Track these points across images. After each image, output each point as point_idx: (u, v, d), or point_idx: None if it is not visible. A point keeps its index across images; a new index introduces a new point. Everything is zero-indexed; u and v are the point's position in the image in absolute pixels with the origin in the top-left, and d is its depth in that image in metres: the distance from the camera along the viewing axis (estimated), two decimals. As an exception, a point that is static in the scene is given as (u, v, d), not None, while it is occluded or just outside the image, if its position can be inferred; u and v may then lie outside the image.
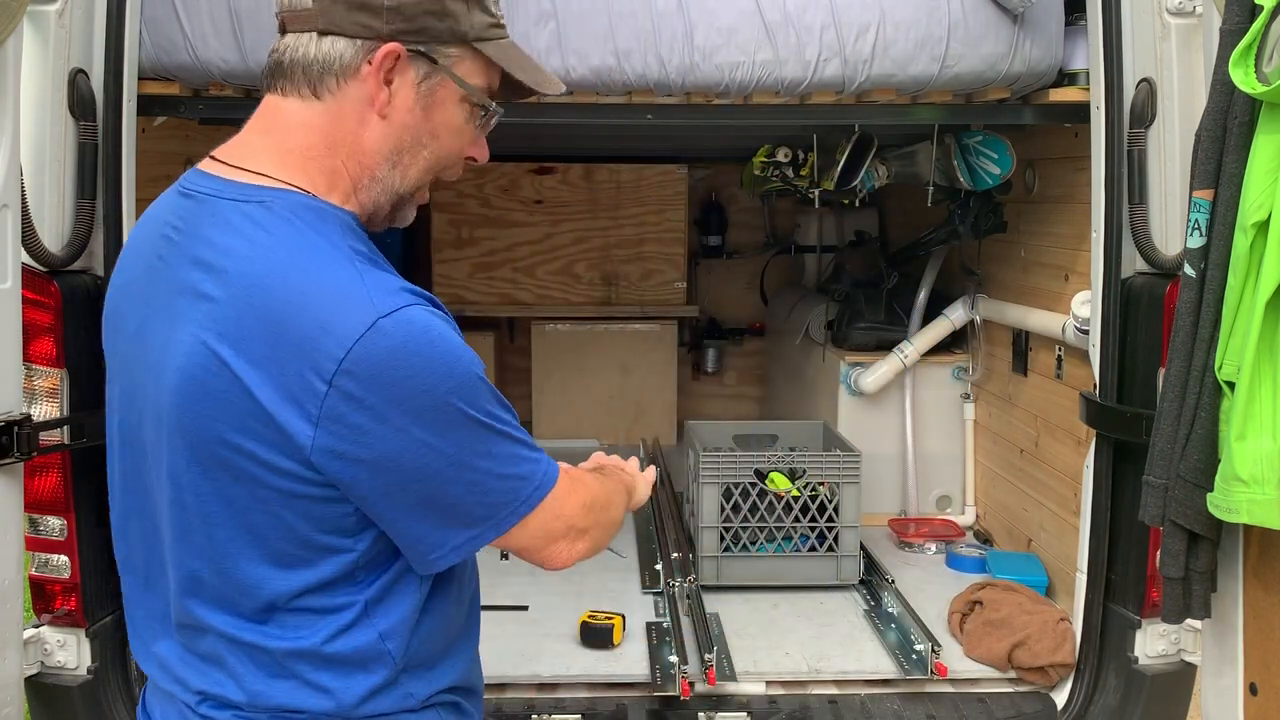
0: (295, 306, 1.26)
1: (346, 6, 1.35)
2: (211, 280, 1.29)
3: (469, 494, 1.36)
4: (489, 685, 2.76)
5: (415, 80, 1.39)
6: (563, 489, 1.47)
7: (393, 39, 1.36)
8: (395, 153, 1.41)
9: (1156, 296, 2.48)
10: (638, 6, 2.65)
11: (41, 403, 2.36)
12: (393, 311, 1.26)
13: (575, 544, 1.51)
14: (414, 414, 1.28)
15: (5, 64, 1.97)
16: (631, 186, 5.42)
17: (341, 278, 1.28)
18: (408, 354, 1.26)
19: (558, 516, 1.46)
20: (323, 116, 1.38)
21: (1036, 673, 2.77)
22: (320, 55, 1.36)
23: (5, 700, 2.06)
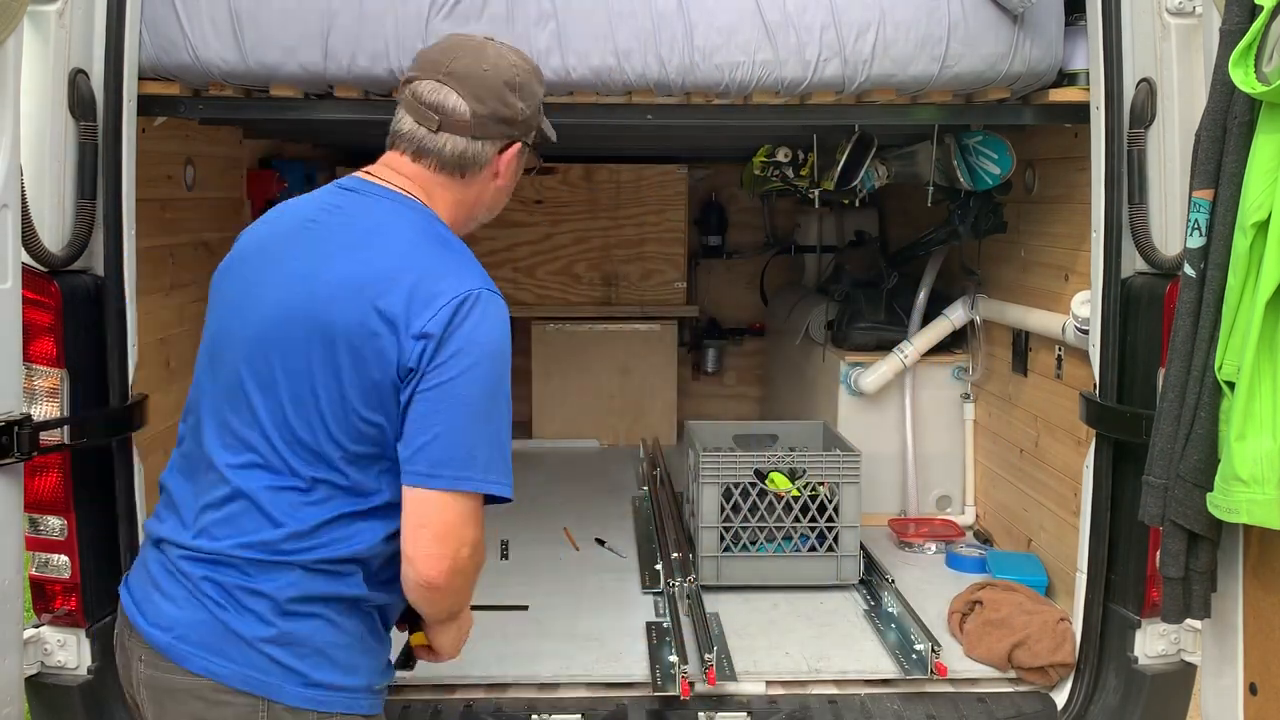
0: (435, 261, 1.78)
1: (497, 122, 1.88)
2: (384, 229, 1.81)
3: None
4: (489, 685, 2.77)
5: (516, 155, 1.95)
6: (483, 522, 1.76)
7: (518, 140, 1.94)
8: (494, 204, 1.99)
9: (1156, 296, 2.48)
10: (638, 6, 2.65)
11: (41, 403, 2.35)
12: (492, 291, 1.77)
13: (455, 566, 1.73)
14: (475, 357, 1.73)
15: (5, 64, 1.97)
16: (631, 186, 5.42)
17: (460, 258, 1.81)
18: (488, 318, 1.74)
19: (460, 534, 1.73)
20: (460, 185, 1.91)
21: (1036, 673, 2.77)
22: (473, 153, 1.89)
23: (5, 700, 2.06)
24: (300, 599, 1.74)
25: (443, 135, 1.86)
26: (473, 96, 1.85)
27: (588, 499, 4.39)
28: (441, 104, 1.85)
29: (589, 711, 2.67)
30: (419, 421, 1.71)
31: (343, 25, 2.60)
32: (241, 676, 1.71)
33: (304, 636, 1.74)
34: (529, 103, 1.92)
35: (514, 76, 1.89)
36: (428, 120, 1.86)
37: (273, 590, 1.73)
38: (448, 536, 1.71)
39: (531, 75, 1.95)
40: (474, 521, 1.73)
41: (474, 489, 1.72)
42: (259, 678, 1.72)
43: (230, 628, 1.72)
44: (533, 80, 1.94)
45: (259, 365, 1.77)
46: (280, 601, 1.73)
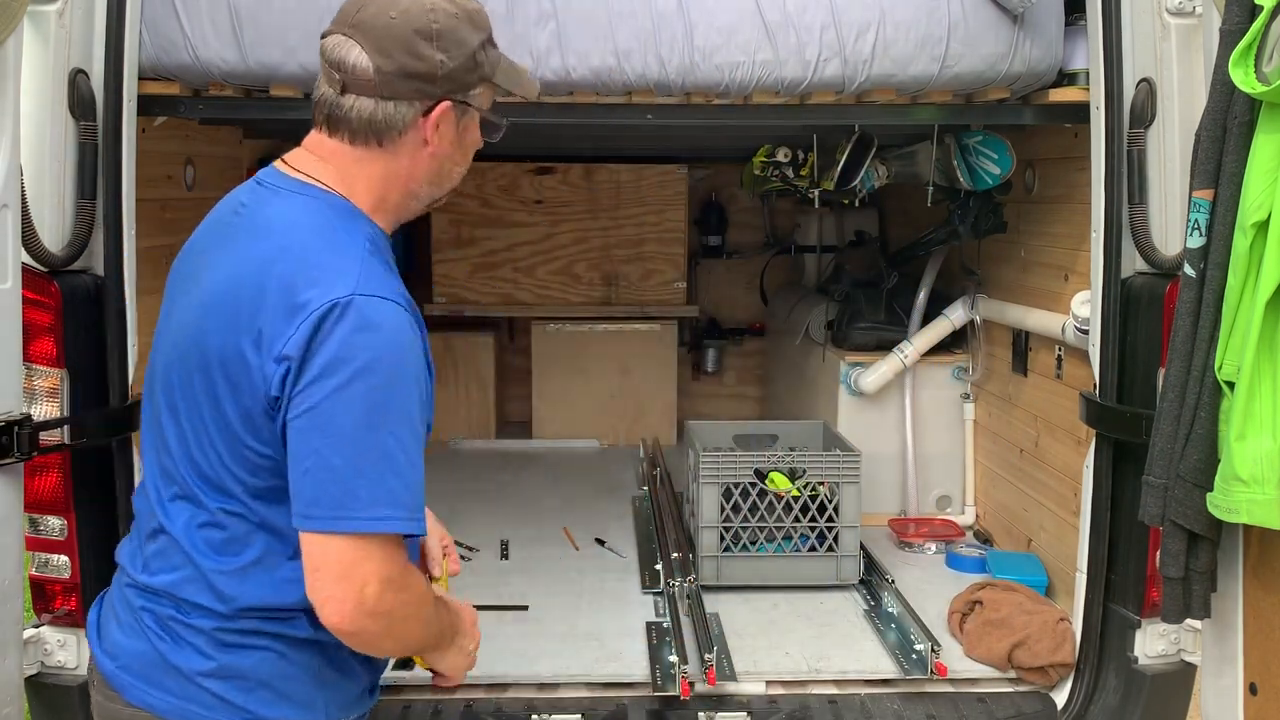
0: (308, 266, 1.54)
1: (405, 78, 1.62)
2: (266, 230, 1.62)
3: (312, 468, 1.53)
4: (489, 685, 2.77)
5: (455, 120, 1.69)
6: (393, 554, 1.55)
7: (443, 99, 1.65)
8: (436, 176, 1.73)
9: (1156, 296, 2.48)
10: (638, 6, 2.65)
11: (41, 403, 2.35)
12: (369, 295, 1.52)
13: (366, 608, 1.53)
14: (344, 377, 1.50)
15: (5, 64, 1.97)
16: (631, 186, 5.42)
17: (340, 256, 1.56)
18: (361, 329, 1.50)
19: (361, 573, 1.52)
20: (381, 157, 1.66)
21: (1036, 673, 2.77)
22: (384, 116, 1.63)
23: (5, 700, 2.06)
24: (241, 632, 1.61)
25: (348, 97, 1.62)
26: (376, 50, 1.59)
27: (588, 499, 4.39)
28: (343, 60, 1.61)
29: (589, 711, 2.67)
30: (291, 456, 1.52)
31: (343, 25, 2.59)
32: (180, 710, 1.60)
33: (247, 669, 1.61)
34: (453, 54, 1.63)
35: (429, 23, 1.61)
36: (332, 81, 1.63)
37: (209, 627, 1.61)
38: (346, 577, 1.51)
39: (459, 20, 1.64)
40: (378, 557, 1.52)
41: (353, 530, 1.50)
42: (200, 713, 1.60)
43: (169, 660, 1.61)
44: (461, 26, 1.64)
45: (168, 391, 1.65)
46: (218, 635, 1.61)
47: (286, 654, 1.64)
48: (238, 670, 1.61)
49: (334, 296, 1.50)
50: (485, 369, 5.43)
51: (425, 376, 1.60)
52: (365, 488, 1.50)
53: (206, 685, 1.60)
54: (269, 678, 1.63)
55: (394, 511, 1.52)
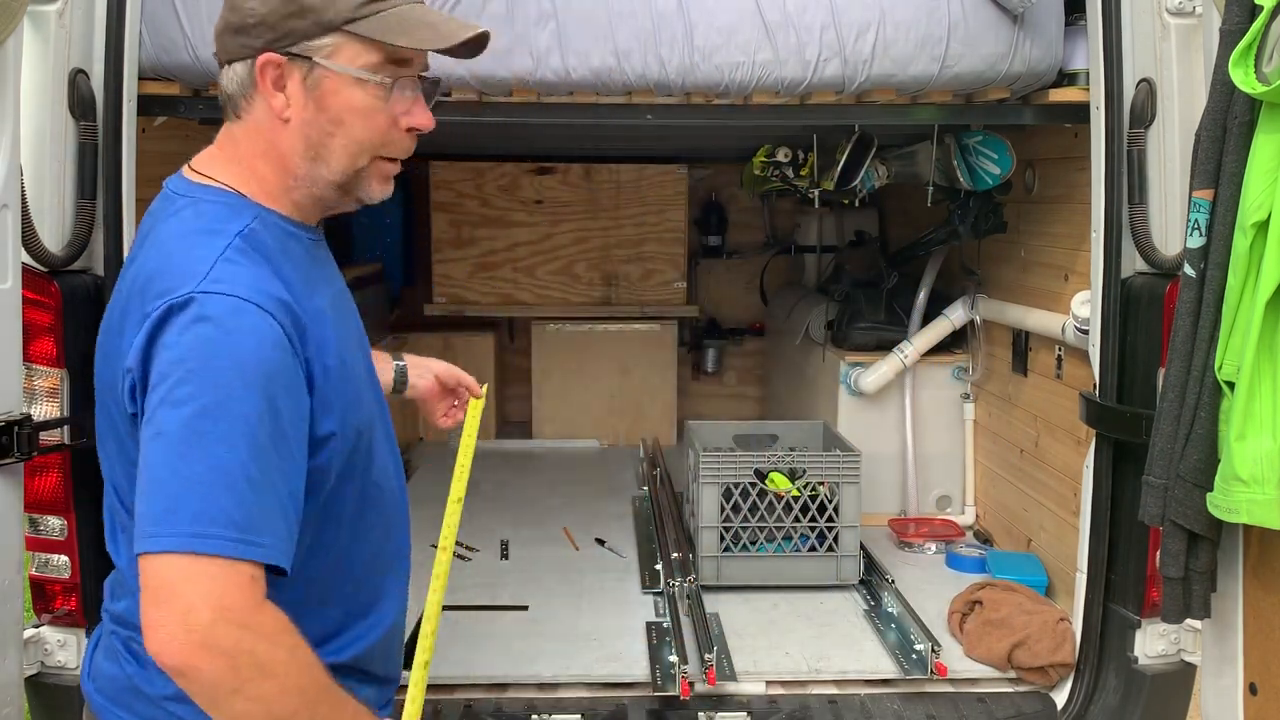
0: (164, 270, 1.43)
1: (231, 34, 1.51)
2: (145, 243, 1.52)
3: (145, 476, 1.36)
4: (489, 685, 2.77)
5: (301, 80, 1.49)
6: (236, 582, 1.32)
7: (266, 50, 1.48)
8: (309, 149, 1.52)
9: (1156, 296, 2.48)
10: (638, 6, 2.65)
11: (41, 403, 2.35)
12: (212, 292, 1.38)
13: (194, 639, 1.30)
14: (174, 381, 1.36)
15: (5, 64, 1.97)
16: (631, 186, 5.42)
17: (193, 255, 1.42)
18: (196, 329, 1.36)
19: (184, 595, 1.30)
20: (245, 132, 1.53)
21: (1036, 673, 2.77)
22: (229, 82, 1.52)
23: (5, 700, 2.06)
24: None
25: (221, 71, 1.54)
26: (220, 15, 1.53)
27: (588, 499, 4.39)
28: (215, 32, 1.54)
29: (589, 711, 2.67)
30: (139, 469, 1.37)
31: (342, 25, 2.59)
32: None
33: None
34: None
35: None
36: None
37: None
38: (167, 600, 1.31)
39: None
40: (209, 580, 1.31)
41: (174, 547, 1.31)
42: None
43: (135, 683, 1.54)
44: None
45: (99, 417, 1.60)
46: None
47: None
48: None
49: (174, 296, 1.37)
50: (485, 369, 5.43)
51: (292, 386, 1.42)
52: (191, 502, 1.31)
53: (172, 709, 1.51)
54: None
55: (224, 531, 1.31)
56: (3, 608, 2.04)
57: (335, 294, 1.64)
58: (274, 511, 1.37)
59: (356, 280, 4.71)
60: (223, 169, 1.54)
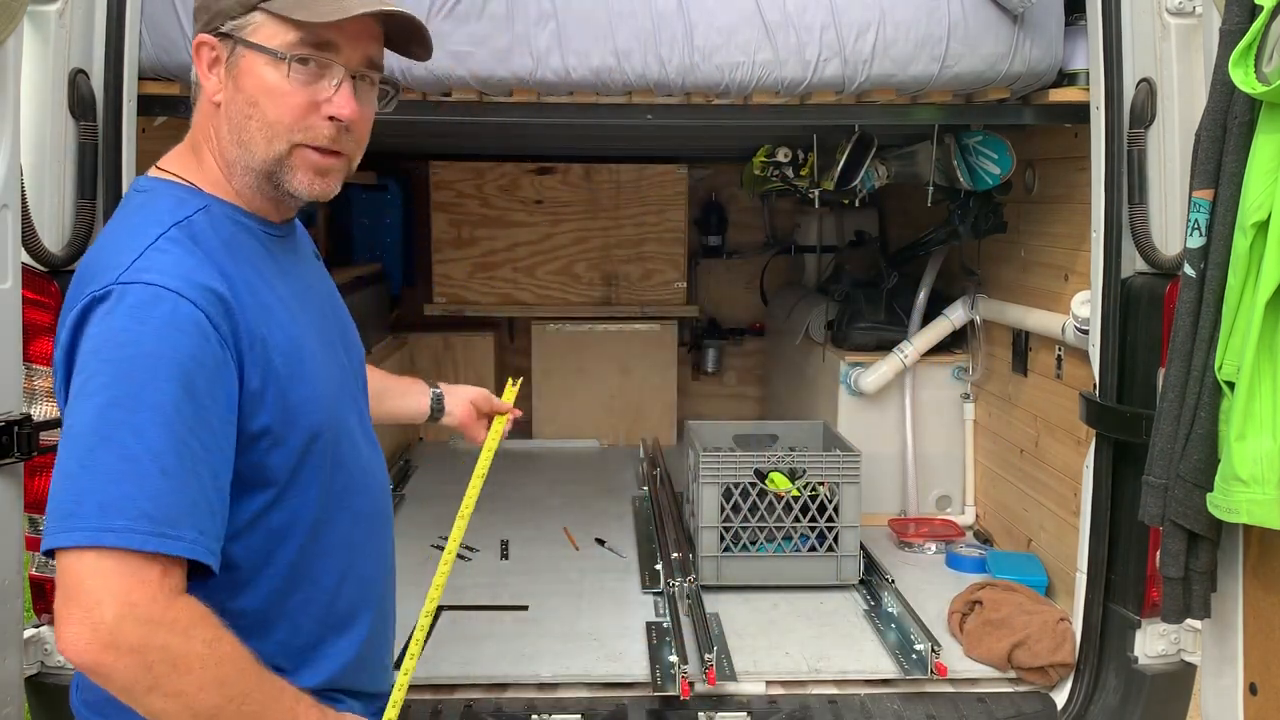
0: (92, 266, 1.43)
1: (197, 22, 1.51)
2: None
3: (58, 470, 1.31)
4: (489, 685, 2.77)
5: (225, 60, 1.50)
6: (142, 576, 1.27)
7: (203, 31, 1.50)
8: (234, 131, 1.50)
9: (1156, 296, 2.48)
10: (638, 6, 2.65)
11: (41, 403, 2.35)
12: (132, 282, 1.35)
13: (101, 638, 1.26)
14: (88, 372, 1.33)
15: (5, 64, 1.97)
16: (631, 186, 5.42)
17: (121, 248, 1.40)
18: (114, 317, 1.33)
19: (90, 591, 1.26)
20: (195, 117, 1.56)
21: (1036, 673, 2.77)
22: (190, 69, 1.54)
23: (5, 700, 2.06)
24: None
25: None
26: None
27: (588, 499, 4.39)
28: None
29: (589, 711, 2.67)
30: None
31: (342, 25, 2.59)
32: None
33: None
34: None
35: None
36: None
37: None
38: (73, 598, 1.27)
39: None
40: (115, 575, 1.27)
41: (77, 542, 1.26)
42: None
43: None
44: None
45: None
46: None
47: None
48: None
49: (96, 287, 1.35)
50: (485, 369, 5.43)
51: (217, 377, 1.36)
52: (96, 493, 1.27)
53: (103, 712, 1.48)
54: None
55: (131, 523, 1.26)
56: (3, 608, 2.04)
57: (302, 290, 1.61)
58: (196, 503, 1.32)
59: (356, 280, 4.71)
60: (178, 161, 1.56)
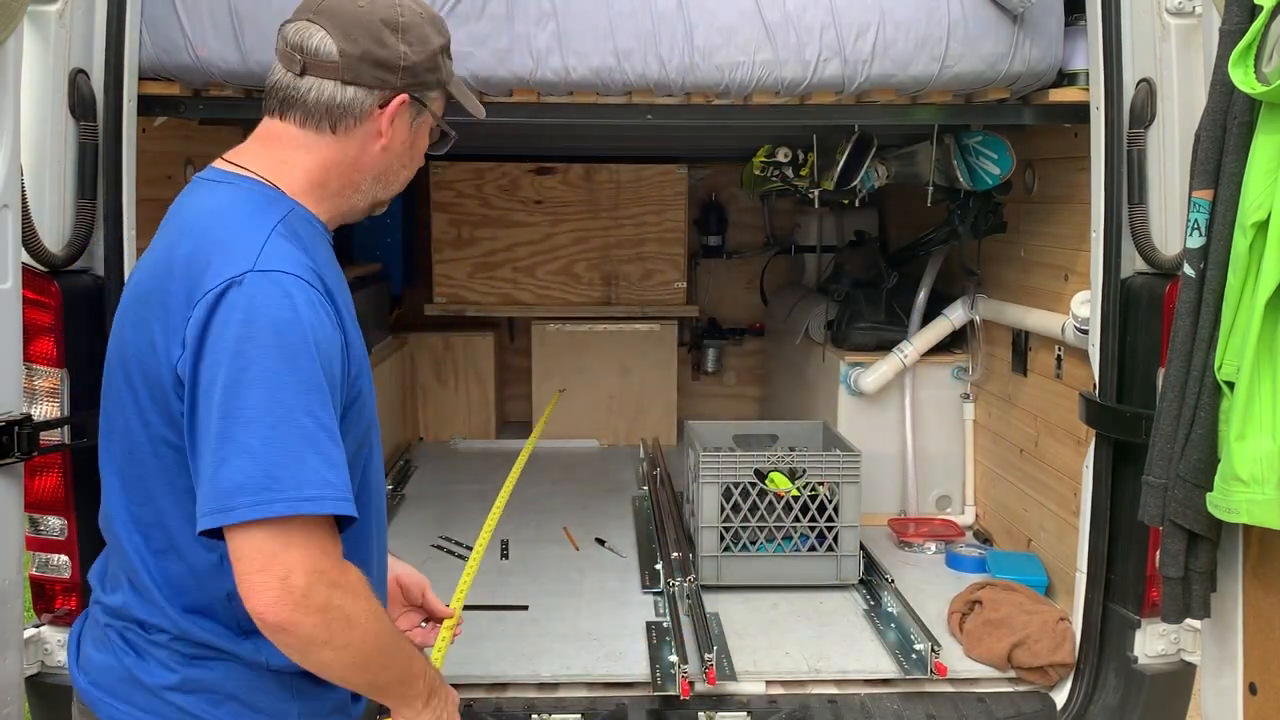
0: (213, 244, 1.52)
1: (370, 64, 1.63)
2: (179, 220, 1.62)
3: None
4: (489, 685, 2.77)
5: (410, 119, 1.70)
6: (323, 543, 1.45)
7: (402, 91, 1.67)
8: (384, 173, 1.72)
9: (1156, 296, 2.48)
10: (638, 6, 2.65)
11: (41, 403, 2.35)
12: (268, 270, 1.48)
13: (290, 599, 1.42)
14: (247, 358, 1.45)
15: (5, 64, 1.97)
16: (631, 186, 5.42)
17: (241, 238, 1.52)
18: (258, 306, 1.46)
19: (283, 560, 1.42)
20: (333, 146, 1.65)
21: (1036, 672, 2.77)
22: (344, 100, 1.64)
23: (5, 700, 2.06)
24: (199, 644, 1.57)
25: (307, 79, 1.62)
26: (341, 34, 1.61)
27: (588, 499, 4.39)
28: (305, 43, 1.62)
29: (589, 711, 2.67)
30: (202, 448, 1.45)
31: (343, 25, 2.59)
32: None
33: (214, 683, 1.57)
34: (416, 48, 1.65)
35: (396, 16, 1.64)
36: (292, 63, 1.63)
37: (167, 640, 1.58)
38: (267, 568, 1.42)
39: (422, 19, 1.68)
40: (303, 544, 1.43)
41: (278, 513, 1.41)
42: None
43: (134, 674, 1.58)
44: (424, 25, 1.67)
45: (105, 405, 1.68)
46: (178, 648, 1.57)
47: (253, 665, 1.58)
48: (204, 683, 1.57)
49: (232, 274, 1.46)
50: (485, 369, 5.43)
51: (339, 355, 1.53)
52: (287, 467, 1.42)
53: (172, 699, 1.56)
54: (237, 690, 1.57)
55: (321, 491, 1.43)
56: (3, 608, 2.04)
57: (349, 293, 1.73)
58: (344, 468, 1.48)
59: (357, 280, 4.71)
60: (257, 162, 1.65)
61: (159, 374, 1.51)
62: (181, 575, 1.57)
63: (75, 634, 1.74)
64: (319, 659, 1.48)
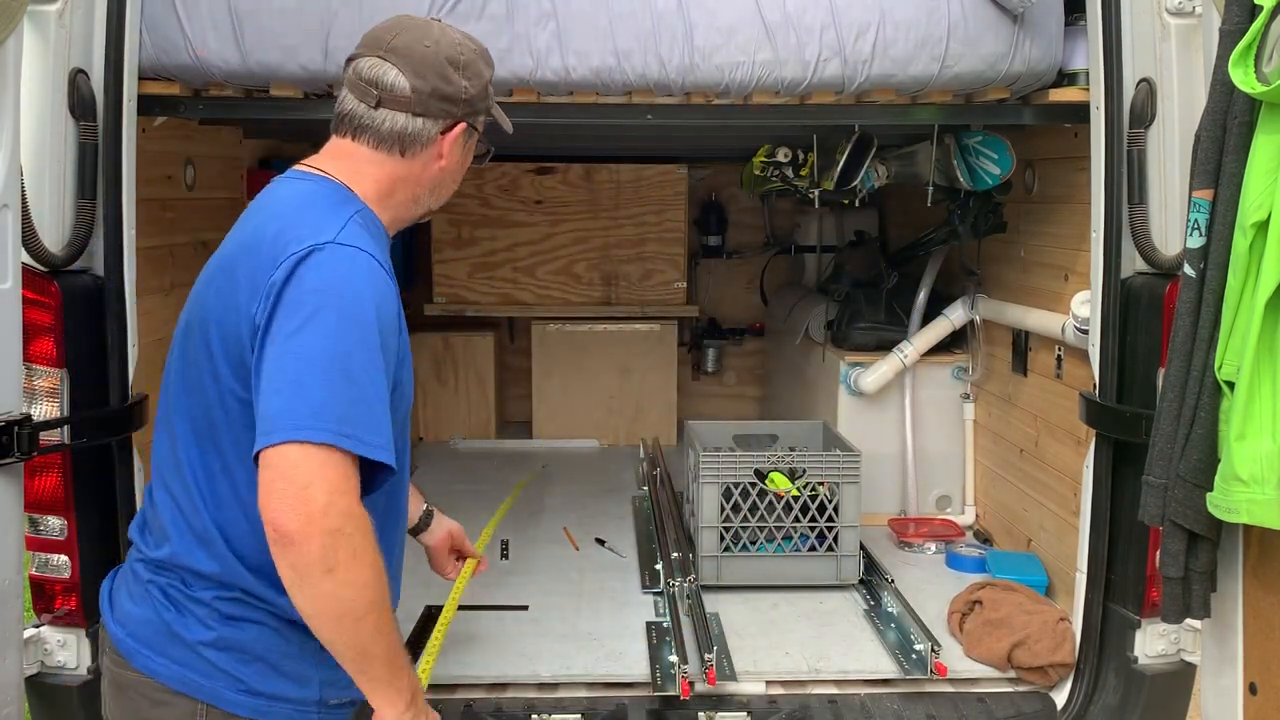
0: (294, 221, 1.71)
1: (438, 99, 1.84)
2: (264, 205, 1.81)
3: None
4: (489, 685, 2.77)
5: (463, 141, 1.92)
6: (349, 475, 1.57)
7: (462, 119, 1.89)
8: (437, 186, 1.94)
9: (1156, 296, 2.48)
10: (638, 6, 2.65)
11: (41, 403, 2.36)
12: (346, 244, 1.68)
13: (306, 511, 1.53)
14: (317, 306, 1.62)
15: (5, 64, 1.97)
16: (631, 186, 5.42)
17: (325, 218, 1.71)
18: (338, 269, 1.65)
19: (308, 477, 1.54)
20: (400, 164, 1.86)
21: (1036, 672, 2.77)
22: (414, 129, 1.85)
23: (5, 700, 2.06)
24: (238, 602, 1.72)
25: (382, 111, 1.83)
26: (413, 72, 1.82)
27: (588, 499, 4.39)
28: (380, 79, 1.82)
29: (589, 711, 2.67)
30: (265, 381, 1.59)
31: (343, 25, 2.60)
32: (180, 678, 1.71)
33: (246, 643, 1.71)
34: (474, 82, 1.88)
35: (458, 54, 1.86)
36: (367, 96, 1.82)
37: (209, 597, 1.72)
38: (289, 477, 1.54)
39: (478, 56, 1.91)
40: (331, 467, 1.56)
41: (314, 439, 1.55)
42: (198, 681, 1.70)
43: (173, 629, 1.71)
44: (478, 61, 1.90)
45: (176, 368, 1.81)
46: (218, 606, 1.72)
47: (282, 630, 1.71)
48: (237, 642, 1.70)
49: (314, 241, 1.65)
50: (485, 369, 5.43)
51: (397, 331, 1.72)
52: (334, 405, 1.56)
53: (206, 655, 1.70)
54: (265, 652, 1.71)
55: (361, 433, 1.57)
56: (3, 608, 2.04)
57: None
58: (389, 427, 1.63)
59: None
60: (334, 168, 1.85)
61: (237, 329, 1.65)
62: (238, 522, 1.69)
63: (108, 588, 1.88)
64: (317, 590, 1.55)
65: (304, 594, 1.56)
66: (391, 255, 1.89)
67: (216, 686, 1.69)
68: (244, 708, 1.70)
